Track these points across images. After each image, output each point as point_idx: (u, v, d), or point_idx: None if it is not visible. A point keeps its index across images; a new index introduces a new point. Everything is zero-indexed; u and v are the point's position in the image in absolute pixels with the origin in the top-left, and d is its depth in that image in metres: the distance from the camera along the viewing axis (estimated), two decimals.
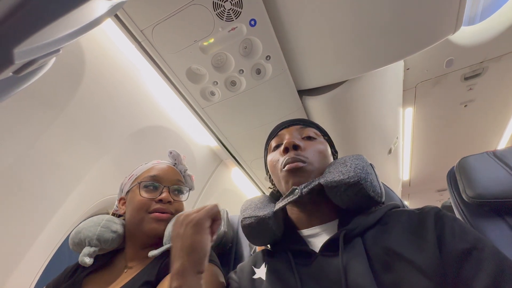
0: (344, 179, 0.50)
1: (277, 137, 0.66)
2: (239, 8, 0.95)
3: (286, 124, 0.67)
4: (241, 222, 0.60)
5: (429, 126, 2.46)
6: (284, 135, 0.64)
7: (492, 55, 1.77)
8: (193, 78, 1.19)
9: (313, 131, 0.65)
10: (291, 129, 0.65)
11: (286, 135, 0.63)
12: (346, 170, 0.52)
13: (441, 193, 3.93)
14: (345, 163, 0.54)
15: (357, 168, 0.52)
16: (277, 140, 0.65)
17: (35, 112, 0.89)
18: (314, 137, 0.64)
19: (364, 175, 0.51)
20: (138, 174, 0.74)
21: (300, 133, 0.64)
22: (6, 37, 0.26)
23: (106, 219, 0.70)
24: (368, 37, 1.07)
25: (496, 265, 0.36)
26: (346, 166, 0.53)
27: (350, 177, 0.50)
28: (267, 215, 0.57)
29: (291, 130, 0.65)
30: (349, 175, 0.50)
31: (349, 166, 0.53)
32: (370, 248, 0.45)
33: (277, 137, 0.66)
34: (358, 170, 0.51)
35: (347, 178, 0.50)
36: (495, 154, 0.78)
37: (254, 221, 0.57)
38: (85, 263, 0.61)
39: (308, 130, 0.65)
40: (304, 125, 0.66)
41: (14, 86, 0.34)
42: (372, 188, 0.51)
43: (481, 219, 0.69)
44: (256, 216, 0.58)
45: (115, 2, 0.41)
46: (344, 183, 0.50)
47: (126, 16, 0.95)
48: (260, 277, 0.54)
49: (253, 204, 0.62)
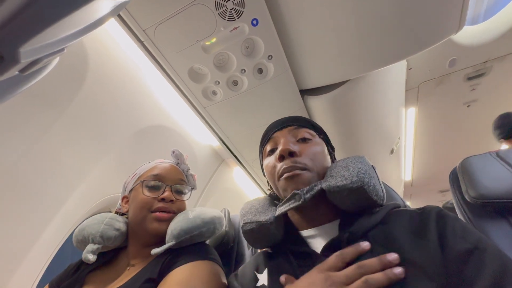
0: (347, 184, 0.49)
1: (271, 141, 0.64)
2: (241, 7, 0.95)
3: (279, 126, 0.65)
4: (241, 227, 0.59)
5: (431, 126, 2.45)
6: (278, 139, 0.62)
7: (495, 55, 1.76)
8: (195, 77, 1.20)
9: (308, 132, 0.63)
10: (284, 132, 0.63)
11: (280, 139, 0.61)
12: (348, 175, 0.51)
13: (444, 193, 3.91)
14: (347, 167, 0.53)
15: (360, 173, 0.50)
16: (272, 144, 0.63)
17: (38, 111, 0.90)
18: (309, 138, 0.62)
19: (367, 179, 0.50)
20: (141, 173, 0.75)
21: (295, 135, 0.62)
22: (13, 36, 0.26)
23: (110, 217, 0.71)
24: (370, 36, 1.06)
25: (498, 265, 0.36)
26: (348, 170, 0.52)
27: (353, 182, 0.49)
28: (268, 220, 0.56)
29: (284, 133, 0.62)
30: (352, 180, 0.49)
31: (351, 170, 0.52)
32: (372, 248, 0.45)
33: (271, 140, 0.64)
34: (361, 174, 0.50)
35: (350, 183, 0.49)
36: (498, 155, 0.77)
37: (256, 227, 0.56)
38: (88, 260, 0.62)
39: (303, 131, 0.63)
40: (298, 126, 0.64)
41: (19, 84, 0.35)
42: (375, 192, 0.50)
43: (484, 220, 0.69)
44: (257, 221, 0.56)
45: (118, 2, 0.42)
46: (347, 188, 0.49)
47: (129, 15, 0.95)
48: (263, 284, 0.53)
49: (254, 208, 0.61)
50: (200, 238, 0.66)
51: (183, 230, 0.64)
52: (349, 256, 0.42)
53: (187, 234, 0.63)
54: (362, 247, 0.42)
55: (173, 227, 0.65)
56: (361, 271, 0.39)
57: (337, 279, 0.39)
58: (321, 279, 0.40)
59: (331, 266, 0.42)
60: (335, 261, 0.42)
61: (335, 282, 0.39)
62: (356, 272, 0.39)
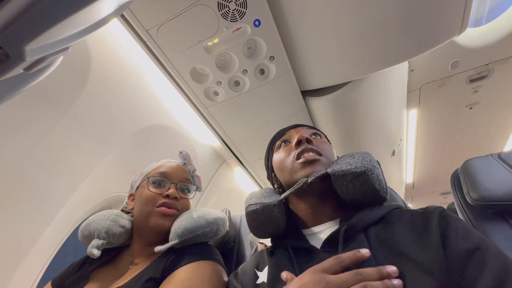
0: (351, 169, 0.51)
1: (285, 136, 0.68)
2: (244, 8, 0.96)
3: (293, 126, 0.70)
4: (245, 209, 0.61)
5: (433, 128, 2.44)
6: (292, 133, 0.67)
7: (498, 57, 1.75)
8: (197, 77, 1.20)
9: (318, 133, 0.69)
10: (298, 129, 0.68)
11: (294, 133, 0.66)
12: (353, 161, 0.53)
13: (445, 196, 3.89)
14: (353, 156, 0.56)
15: (365, 160, 0.53)
16: (285, 138, 0.67)
17: (42, 110, 0.91)
18: (320, 136, 0.68)
19: (371, 167, 0.52)
20: (148, 171, 0.76)
21: (307, 132, 0.66)
22: (19, 34, 0.27)
23: (115, 214, 0.72)
24: (372, 37, 1.07)
25: (500, 266, 0.36)
26: (354, 158, 0.55)
27: (358, 167, 0.51)
28: (272, 202, 0.58)
29: (298, 129, 0.67)
30: (356, 165, 0.52)
31: (356, 158, 0.55)
32: (373, 245, 0.45)
33: (285, 135, 0.68)
34: (366, 162, 0.53)
35: (354, 168, 0.51)
36: (500, 157, 0.77)
37: (260, 208, 0.58)
38: (93, 255, 0.63)
39: (313, 131, 0.68)
40: (308, 127, 0.70)
41: (24, 83, 0.35)
42: (378, 181, 0.52)
43: (485, 222, 0.69)
44: (261, 203, 0.58)
45: (122, 2, 0.42)
46: (351, 172, 0.51)
47: (132, 16, 0.96)
48: (263, 281, 0.53)
49: (259, 194, 0.64)
50: (203, 238, 0.67)
51: (187, 229, 0.64)
52: (347, 261, 0.40)
53: (190, 234, 0.64)
54: (362, 253, 0.40)
55: (177, 225, 0.65)
56: (359, 278, 0.37)
57: (332, 283, 0.37)
58: (315, 280, 0.38)
59: (326, 268, 0.40)
60: (332, 263, 0.40)
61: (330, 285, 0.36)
62: (353, 278, 0.37)
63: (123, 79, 1.16)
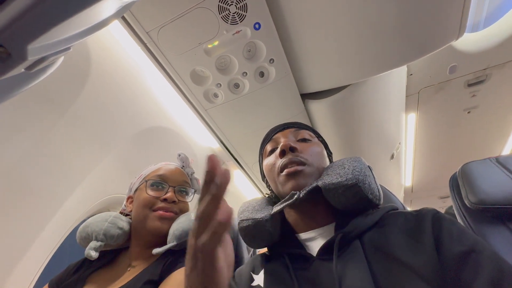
0: (342, 181, 0.50)
1: (272, 141, 0.66)
2: (244, 11, 0.96)
3: (280, 127, 0.68)
4: (238, 224, 0.60)
5: (432, 132, 2.45)
6: (279, 139, 0.64)
7: (495, 62, 1.76)
8: (197, 80, 1.20)
9: (308, 133, 0.65)
10: (285, 132, 0.65)
11: (281, 138, 0.63)
12: (344, 173, 0.52)
13: (444, 200, 3.89)
14: (343, 165, 0.54)
15: (355, 170, 0.52)
16: (272, 144, 0.65)
17: (41, 110, 0.91)
18: (309, 139, 0.64)
19: (362, 177, 0.51)
20: (146, 174, 0.76)
21: (295, 135, 0.64)
22: (21, 33, 0.27)
23: (114, 216, 0.72)
24: (371, 41, 1.07)
25: (495, 268, 0.36)
26: (344, 168, 0.53)
27: (348, 179, 0.50)
28: (264, 217, 0.56)
29: (286, 133, 0.64)
30: (347, 177, 0.50)
31: (347, 168, 0.53)
32: (368, 251, 0.45)
33: (272, 141, 0.66)
34: (356, 172, 0.51)
35: (345, 180, 0.50)
36: (498, 160, 0.77)
37: (251, 224, 0.57)
38: (91, 256, 0.62)
39: (303, 132, 0.65)
40: (298, 128, 0.66)
41: (25, 82, 0.35)
42: (370, 190, 0.51)
43: (484, 225, 0.69)
44: (253, 218, 0.57)
45: (124, 3, 0.42)
46: (342, 185, 0.50)
47: (133, 17, 0.96)
48: (258, 284, 0.53)
49: (251, 207, 0.62)
50: None
51: (185, 231, 0.64)
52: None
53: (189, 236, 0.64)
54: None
55: (175, 227, 0.65)
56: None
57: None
58: None
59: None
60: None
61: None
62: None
63: (122, 81, 1.16)
